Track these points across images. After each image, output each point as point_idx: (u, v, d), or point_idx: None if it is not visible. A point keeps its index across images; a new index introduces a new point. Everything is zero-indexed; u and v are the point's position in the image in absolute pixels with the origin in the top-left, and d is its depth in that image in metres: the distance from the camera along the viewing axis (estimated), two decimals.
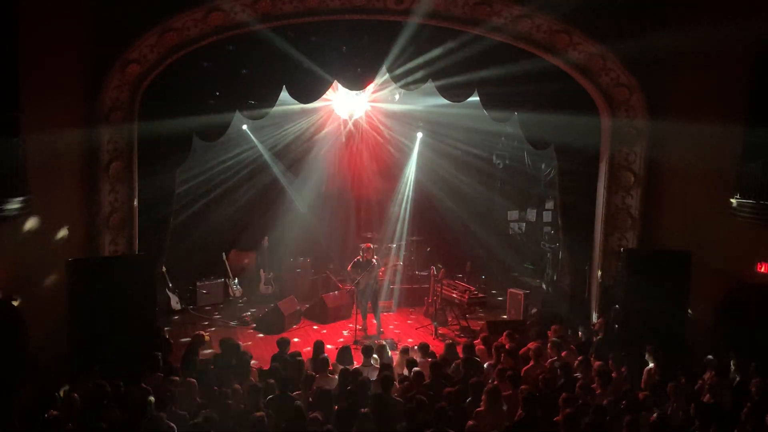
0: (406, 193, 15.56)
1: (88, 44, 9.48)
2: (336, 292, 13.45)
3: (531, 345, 8.75)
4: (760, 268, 9.59)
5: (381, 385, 6.95)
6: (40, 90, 8.62)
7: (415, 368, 7.62)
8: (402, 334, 11.95)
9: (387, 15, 10.20)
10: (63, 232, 9.47)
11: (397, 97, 14.02)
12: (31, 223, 8.52)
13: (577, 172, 11.38)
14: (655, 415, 6.17)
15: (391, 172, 15.98)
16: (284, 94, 10.97)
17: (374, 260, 12.08)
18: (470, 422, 6.10)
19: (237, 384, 7.30)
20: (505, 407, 6.61)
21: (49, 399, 6.62)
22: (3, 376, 7.71)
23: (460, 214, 15.83)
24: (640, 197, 10.89)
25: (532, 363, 8.18)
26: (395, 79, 11.02)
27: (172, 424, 6.16)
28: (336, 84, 11.41)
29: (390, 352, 9.22)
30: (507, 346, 8.66)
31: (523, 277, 15.52)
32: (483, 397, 6.58)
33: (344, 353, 8.83)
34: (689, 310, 9.82)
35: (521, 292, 12.68)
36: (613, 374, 7.71)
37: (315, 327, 12.38)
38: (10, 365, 7.99)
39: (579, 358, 8.26)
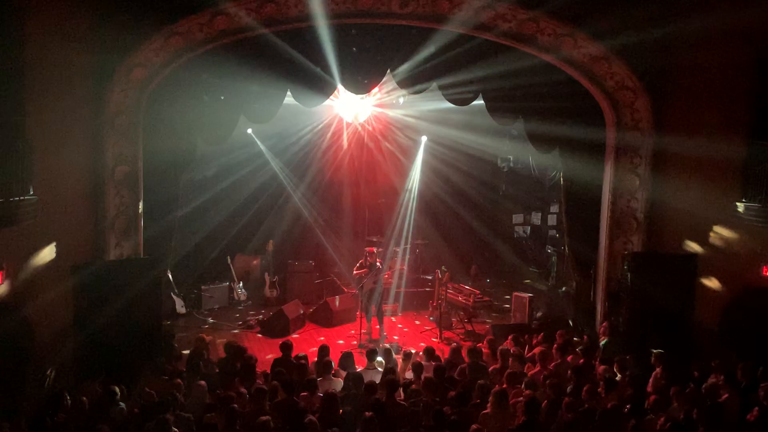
0: (411, 197, 15.55)
1: (94, 48, 9.50)
2: (341, 295, 13.44)
3: (536, 349, 8.74)
4: (766, 272, 9.55)
5: (385, 389, 6.94)
6: (45, 94, 8.65)
7: (426, 374, 7.60)
8: (407, 338, 11.93)
9: (392, 19, 10.20)
10: None
11: (401, 100, 14.04)
12: (36, 227, 8.52)
13: (582, 175, 11.35)
14: (662, 419, 6.14)
15: (396, 176, 15.97)
16: (289, 97, 10.99)
17: (378, 264, 12.07)
18: (474, 426, 6.08)
19: (242, 387, 7.31)
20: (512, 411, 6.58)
21: (55, 403, 6.62)
22: (10, 380, 7.73)
23: (465, 217, 15.85)
24: (645, 201, 10.85)
25: (538, 367, 8.15)
26: (400, 83, 11.03)
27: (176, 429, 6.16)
28: (340, 87, 11.42)
29: (394, 356, 9.20)
30: (512, 350, 8.63)
31: (528, 280, 15.49)
32: (490, 399, 6.56)
33: (347, 358, 8.81)
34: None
35: (526, 296, 12.61)
36: (617, 378, 7.69)
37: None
38: (17, 369, 8.02)
39: (582, 362, 8.24)
